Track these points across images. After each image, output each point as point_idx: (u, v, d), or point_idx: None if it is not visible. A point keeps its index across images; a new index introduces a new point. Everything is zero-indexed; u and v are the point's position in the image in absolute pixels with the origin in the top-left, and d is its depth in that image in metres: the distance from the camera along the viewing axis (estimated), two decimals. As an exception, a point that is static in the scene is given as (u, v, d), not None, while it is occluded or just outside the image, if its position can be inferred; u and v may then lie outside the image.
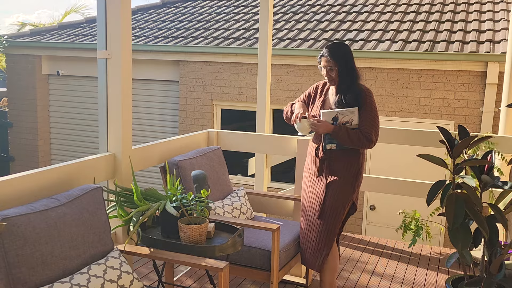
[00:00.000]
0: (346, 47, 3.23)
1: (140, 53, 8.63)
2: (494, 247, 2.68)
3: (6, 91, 10.35)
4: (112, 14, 2.85)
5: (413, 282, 3.79)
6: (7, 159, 10.14)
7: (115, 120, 2.95)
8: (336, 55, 3.14)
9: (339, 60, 3.14)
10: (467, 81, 6.97)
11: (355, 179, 3.17)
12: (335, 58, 3.13)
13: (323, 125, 3.12)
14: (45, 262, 2.12)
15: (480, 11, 8.24)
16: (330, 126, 3.11)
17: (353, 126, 3.11)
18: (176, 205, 2.70)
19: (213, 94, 8.45)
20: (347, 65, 3.15)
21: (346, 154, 3.16)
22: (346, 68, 3.15)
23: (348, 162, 3.16)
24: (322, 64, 3.20)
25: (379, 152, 7.20)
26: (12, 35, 10.45)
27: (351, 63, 3.17)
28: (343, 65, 3.14)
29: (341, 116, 3.11)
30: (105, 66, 2.91)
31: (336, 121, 3.12)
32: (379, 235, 6.05)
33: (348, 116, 3.10)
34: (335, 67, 3.13)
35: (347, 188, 3.15)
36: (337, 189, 3.14)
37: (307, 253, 3.25)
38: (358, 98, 3.13)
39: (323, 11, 9.23)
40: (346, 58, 3.16)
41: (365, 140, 3.09)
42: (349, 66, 3.16)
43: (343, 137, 3.08)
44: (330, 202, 3.14)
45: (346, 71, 3.14)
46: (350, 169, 3.16)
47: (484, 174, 2.78)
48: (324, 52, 3.17)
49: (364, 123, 3.11)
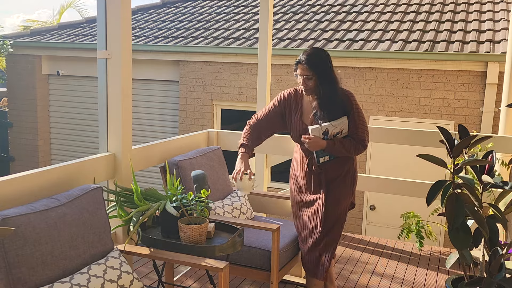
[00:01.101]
0: (324, 53, 2.98)
1: (140, 53, 8.63)
2: (494, 247, 2.68)
3: (6, 91, 10.35)
4: (112, 14, 2.84)
5: (413, 282, 3.79)
6: (7, 159, 10.14)
7: (115, 120, 2.94)
8: (314, 63, 2.90)
9: (317, 69, 2.90)
10: (467, 81, 6.97)
11: (352, 182, 3.14)
12: (313, 67, 2.89)
13: (315, 141, 2.93)
14: (45, 262, 2.12)
15: (480, 11, 8.24)
16: (322, 142, 2.93)
17: (343, 135, 3.00)
18: (176, 205, 2.70)
19: (213, 94, 8.45)
20: (326, 74, 2.91)
21: (340, 162, 3.06)
22: (325, 77, 2.91)
23: (344, 169, 3.08)
24: (298, 72, 2.96)
25: (379, 152, 7.21)
26: (12, 35, 10.45)
27: (330, 71, 2.94)
28: (322, 74, 2.90)
29: (332, 129, 2.94)
30: (105, 66, 2.91)
31: (327, 134, 2.94)
32: (379, 235, 6.05)
33: (338, 127, 2.96)
34: (313, 76, 2.90)
35: (347, 194, 3.12)
36: (337, 198, 3.07)
37: (311, 263, 3.15)
38: (344, 106, 2.96)
39: (323, 11, 9.23)
40: (324, 66, 2.92)
41: (360, 146, 3.00)
42: (329, 74, 2.93)
43: (339, 150, 2.96)
44: (332, 213, 3.07)
45: (326, 81, 2.91)
46: (347, 175, 3.10)
47: (485, 174, 2.78)
48: (301, 59, 2.93)
49: (355, 130, 2.98)
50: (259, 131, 3.25)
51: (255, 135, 3.23)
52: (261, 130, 3.25)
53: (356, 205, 7.56)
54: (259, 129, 3.25)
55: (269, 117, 3.22)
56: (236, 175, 3.02)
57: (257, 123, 3.25)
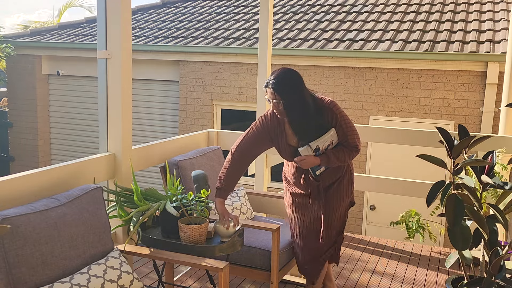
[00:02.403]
0: (293, 75, 2.84)
1: (140, 53, 8.64)
2: (494, 247, 2.68)
3: (6, 91, 10.35)
4: (112, 14, 2.85)
5: (413, 282, 3.79)
6: (7, 159, 10.14)
7: (115, 120, 2.95)
8: (280, 87, 2.79)
9: (284, 94, 2.79)
10: (467, 81, 6.97)
11: (350, 183, 3.16)
12: (279, 92, 2.79)
13: (309, 160, 2.90)
14: (45, 262, 2.12)
15: (480, 11, 8.24)
16: (316, 160, 2.90)
17: (334, 144, 2.96)
18: (176, 205, 2.70)
19: (213, 94, 8.45)
20: (294, 99, 2.80)
21: (336, 168, 3.05)
22: (294, 102, 2.81)
23: (342, 174, 3.09)
24: (268, 96, 2.85)
25: (379, 152, 7.21)
26: (12, 35, 10.45)
27: (300, 95, 2.82)
28: (290, 99, 2.79)
29: (322, 144, 2.91)
30: (105, 66, 2.91)
31: (318, 150, 2.91)
32: (379, 235, 6.05)
33: (328, 141, 2.92)
34: (280, 101, 2.80)
35: (346, 195, 3.14)
36: (337, 201, 3.09)
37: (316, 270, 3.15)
38: (324, 122, 2.90)
39: (323, 11, 9.23)
40: (292, 90, 2.81)
41: (354, 152, 2.98)
42: (298, 99, 2.81)
43: (334, 162, 2.93)
44: (335, 217, 3.09)
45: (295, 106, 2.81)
46: (344, 177, 3.11)
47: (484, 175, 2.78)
48: (269, 83, 2.82)
49: (345, 137, 2.95)
50: (243, 160, 3.04)
51: (236, 171, 3.00)
52: (247, 157, 3.06)
53: (356, 205, 7.56)
54: (244, 157, 3.04)
55: (253, 142, 3.05)
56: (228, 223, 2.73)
57: (241, 152, 3.03)
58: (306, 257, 3.14)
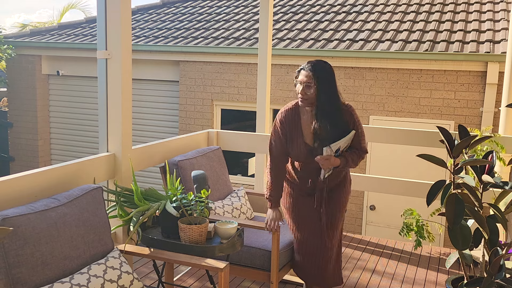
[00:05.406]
0: (329, 66, 2.91)
1: (140, 53, 8.63)
2: (494, 247, 2.68)
3: (6, 91, 10.35)
4: (112, 14, 2.85)
5: (413, 282, 3.79)
6: (7, 159, 10.13)
7: (115, 120, 2.95)
8: (318, 70, 2.82)
9: (320, 77, 2.81)
10: (467, 81, 6.97)
11: (350, 185, 3.23)
12: (316, 74, 2.80)
13: (331, 161, 2.90)
14: (45, 262, 2.12)
15: (480, 11, 8.24)
16: (336, 160, 2.91)
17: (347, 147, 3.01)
18: (176, 205, 2.70)
19: (213, 94, 8.45)
20: (328, 84, 2.83)
21: (339, 171, 3.08)
22: (326, 88, 2.83)
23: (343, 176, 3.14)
24: (299, 79, 2.85)
25: (379, 152, 7.21)
26: (12, 35, 10.45)
27: (333, 83, 2.86)
28: (324, 83, 2.81)
29: (343, 146, 2.95)
30: (105, 66, 2.91)
31: (338, 151, 2.93)
32: (379, 235, 6.05)
33: (347, 142, 2.96)
34: (314, 84, 2.81)
35: (347, 193, 3.18)
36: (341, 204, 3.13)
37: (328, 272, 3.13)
38: (345, 119, 2.93)
39: (323, 11, 9.23)
40: (328, 76, 2.84)
41: (363, 154, 3.05)
42: (330, 86, 2.85)
43: (350, 165, 2.99)
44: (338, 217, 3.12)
45: (326, 92, 2.83)
46: (346, 179, 3.16)
47: (485, 174, 2.78)
48: (305, 66, 2.84)
49: (358, 141, 3.01)
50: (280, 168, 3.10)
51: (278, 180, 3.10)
52: (282, 163, 3.11)
53: (356, 205, 7.57)
54: (280, 165, 3.10)
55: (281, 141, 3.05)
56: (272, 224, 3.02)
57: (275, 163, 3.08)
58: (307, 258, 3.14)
